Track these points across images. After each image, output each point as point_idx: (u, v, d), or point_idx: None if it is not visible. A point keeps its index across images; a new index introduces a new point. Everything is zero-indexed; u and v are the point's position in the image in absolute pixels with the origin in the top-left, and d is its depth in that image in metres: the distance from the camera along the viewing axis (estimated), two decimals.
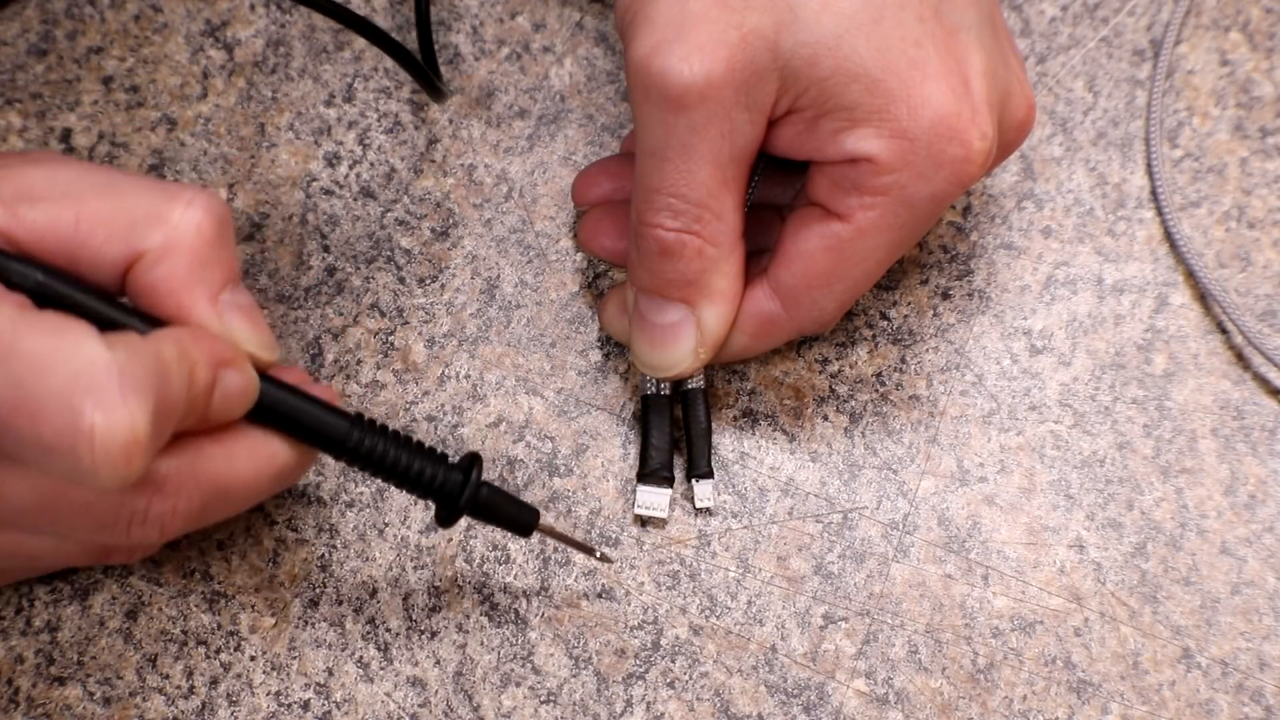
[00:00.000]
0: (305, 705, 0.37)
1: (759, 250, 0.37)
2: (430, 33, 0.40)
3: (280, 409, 0.31)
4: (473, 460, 0.34)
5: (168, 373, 0.27)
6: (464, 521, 0.38)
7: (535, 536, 0.36)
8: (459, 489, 0.33)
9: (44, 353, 0.26)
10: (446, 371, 0.40)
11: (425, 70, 0.38)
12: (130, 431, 0.26)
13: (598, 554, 0.37)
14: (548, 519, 0.38)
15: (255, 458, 0.31)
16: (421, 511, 0.38)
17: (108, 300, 0.29)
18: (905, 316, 0.41)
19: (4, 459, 0.28)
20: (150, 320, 0.30)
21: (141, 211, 0.30)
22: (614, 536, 0.38)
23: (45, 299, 0.28)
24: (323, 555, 0.38)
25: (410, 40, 0.42)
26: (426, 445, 0.33)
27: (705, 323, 0.35)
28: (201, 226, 0.30)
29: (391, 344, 0.40)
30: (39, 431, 0.25)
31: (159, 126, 0.41)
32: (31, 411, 0.25)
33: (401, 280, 0.40)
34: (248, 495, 0.32)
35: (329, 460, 0.38)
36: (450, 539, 0.38)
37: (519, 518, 0.35)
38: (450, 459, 0.33)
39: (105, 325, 0.28)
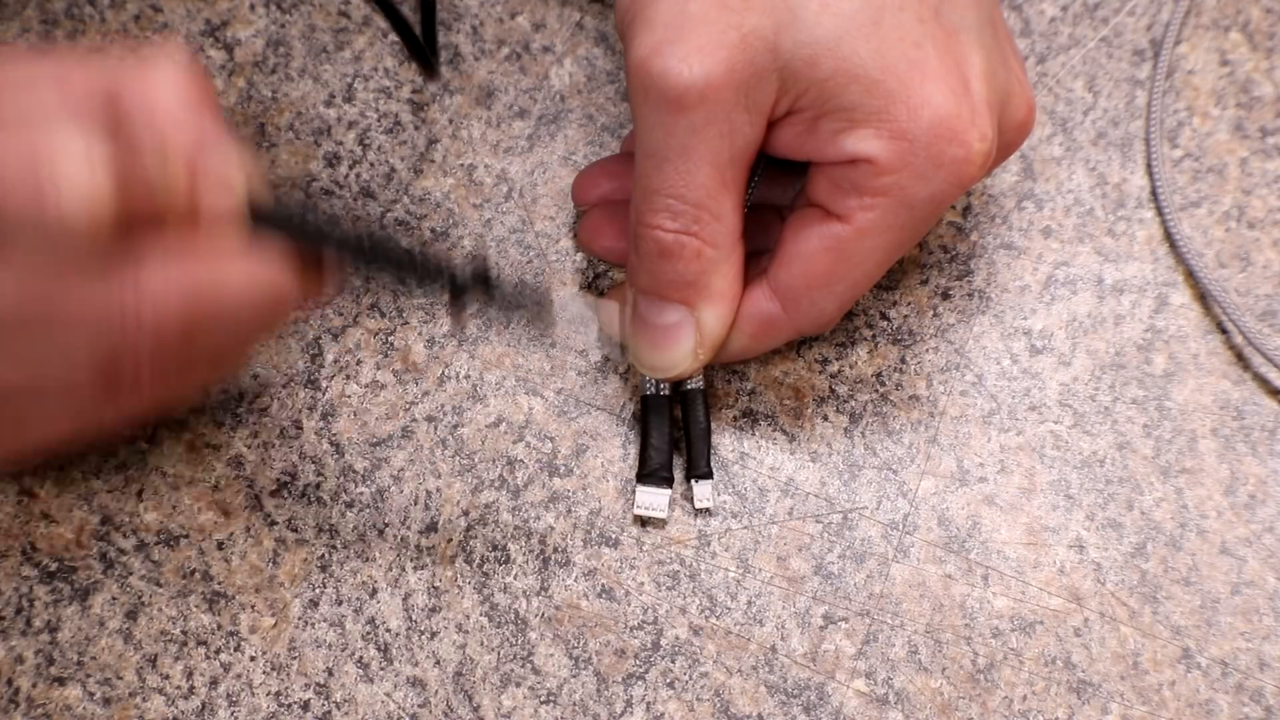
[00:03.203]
0: (305, 705, 0.37)
1: (759, 251, 0.37)
2: (434, 7, 0.39)
3: (272, 216, 0.30)
4: (481, 259, 0.32)
5: (129, 119, 0.27)
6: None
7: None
8: (468, 276, 0.31)
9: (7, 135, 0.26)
10: (446, 371, 0.40)
11: (420, 42, 0.37)
12: (84, 153, 0.26)
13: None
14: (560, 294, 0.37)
15: (248, 266, 0.30)
16: (422, 511, 0.38)
17: None
18: (905, 316, 0.41)
19: None
20: None
21: (118, 68, 0.29)
22: (614, 537, 0.38)
23: None
24: (323, 555, 0.38)
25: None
26: (425, 244, 0.32)
27: (704, 324, 0.35)
28: (185, 76, 0.29)
29: (391, 344, 0.40)
30: (5, 202, 0.26)
31: None
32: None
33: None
34: (243, 312, 0.30)
35: (329, 461, 0.39)
36: (450, 539, 0.38)
37: (528, 297, 0.33)
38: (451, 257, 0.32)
39: None
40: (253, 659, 0.37)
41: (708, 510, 0.39)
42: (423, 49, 0.37)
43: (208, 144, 0.29)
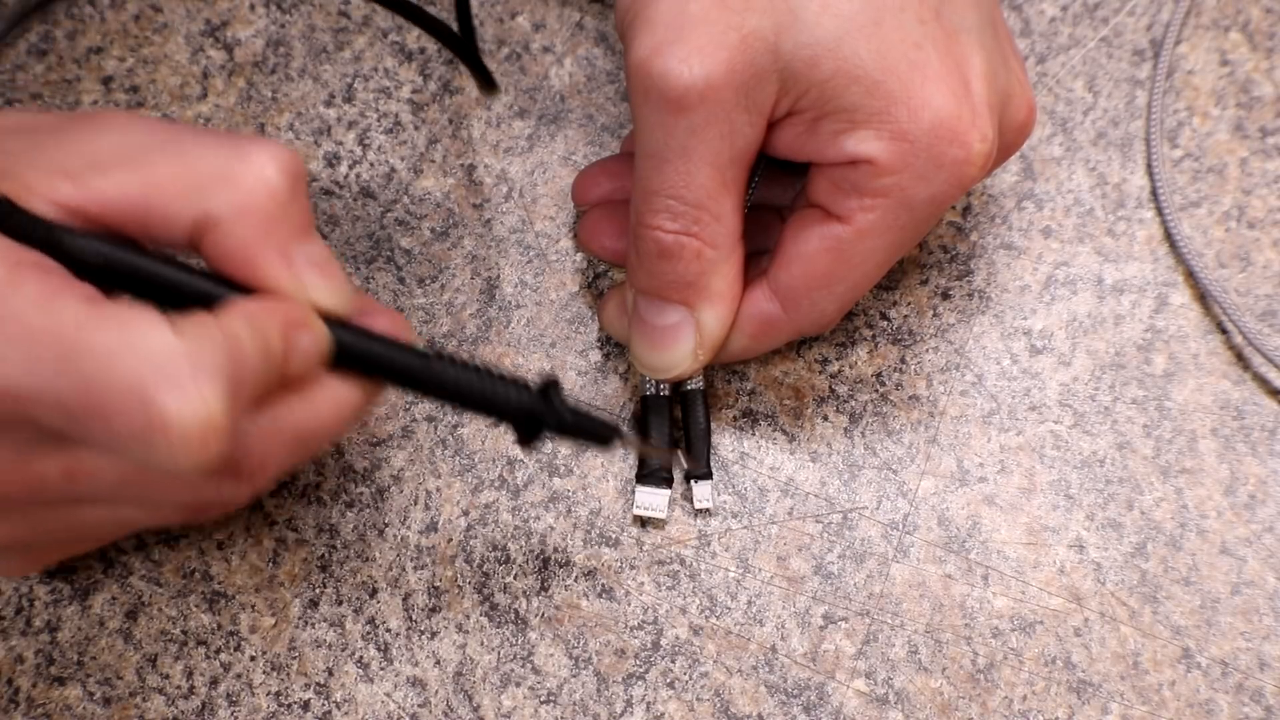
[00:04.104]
0: (305, 705, 0.37)
1: (759, 251, 0.37)
2: (472, 24, 0.39)
3: (357, 354, 0.31)
4: (550, 382, 0.33)
5: (241, 350, 0.27)
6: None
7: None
8: (541, 412, 0.33)
9: (112, 348, 0.26)
10: None
11: (480, 61, 0.37)
12: (205, 417, 0.26)
13: (681, 455, 0.37)
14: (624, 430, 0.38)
15: (336, 402, 0.31)
16: (422, 511, 0.38)
17: (176, 266, 0.29)
18: (905, 316, 0.41)
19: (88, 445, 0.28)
20: (222, 283, 0.30)
21: (210, 174, 0.29)
22: (614, 537, 0.38)
23: (111, 272, 0.28)
24: (323, 555, 0.38)
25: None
26: (500, 371, 0.33)
27: (704, 324, 0.35)
28: (273, 187, 0.29)
29: None
30: (112, 427, 0.26)
31: None
32: (102, 407, 0.26)
33: (401, 280, 0.40)
34: (329, 437, 0.32)
35: (329, 460, 0.39)
36: (450, 539, 0.38)
37: (599, 433, 0.34)
38: (526, 383, 0.33)
39: (175, 292, 0.29)
40: (253, 659, 0.37)
41: (708, 510, 0.39)
42: (483, 67, 0.37)
43: (296, 311, 0.30)
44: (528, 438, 0.33)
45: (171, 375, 0.26)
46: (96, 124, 0.30)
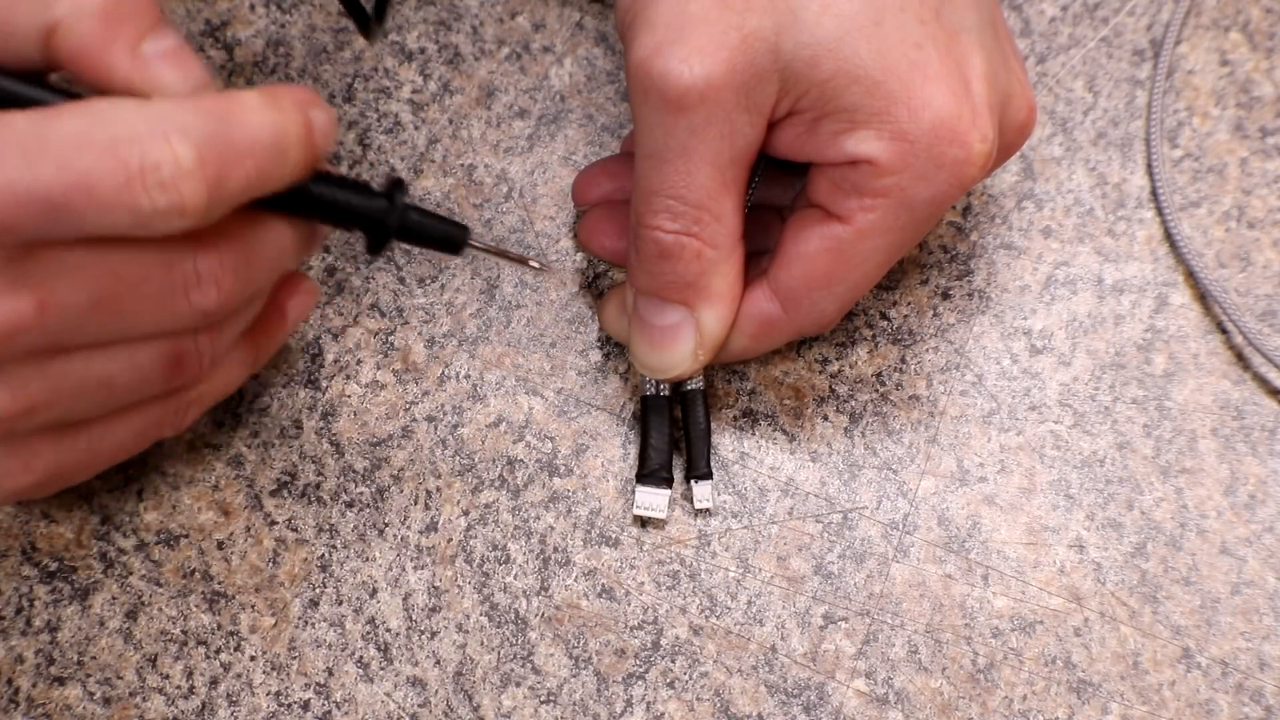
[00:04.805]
0: (305, 705, 0.37)
1: (759, 251, 0.37)
2: None
3: None
4: (395, 184, 0.32)
5: (230, 113, 0.28)
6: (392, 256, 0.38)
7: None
8: (384, 215, 0.32)
9: (80, 127, 0.26)
10: (446, 371, 0.40)
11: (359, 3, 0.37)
12: (174, 161, 0.26)
13: (534, 264, 0.36)
14: (478, 234, 0.37)
15: (274, 229, 0.32)
16: (422, 511, 0.38)
17: (35, 83, 0.29)
18: (905, 316, 0.41)
19: (53, 266, 0.28)
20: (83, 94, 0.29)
21: None
22: (614, 537, 0.38)
23: None
24: (323, 555, 0.38)
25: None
26: (349, 177, 0.32)
27: (704, 324, 0.35)
28: None
29: (391, 344, 0.40)
30: (95, 196, 0.26)
31: None
32: (83, 184, 0.26)
33: (401, 280, 0.40)
34: (273, 262, 0.32)
35: (329, 461, 0.39)
36: (450, 539, 0.38)
37: (449, 235, 0.33)
38: (373, 186, 0.32)
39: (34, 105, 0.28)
40: (253, 659, 0.37)
41: (708, 510, 0.39)
42: (360, 8, 0.36)
43: (144, 55, 0.29)
44: (375, 245, 0.33)
45: (142, 131, 0.26)
46: None
